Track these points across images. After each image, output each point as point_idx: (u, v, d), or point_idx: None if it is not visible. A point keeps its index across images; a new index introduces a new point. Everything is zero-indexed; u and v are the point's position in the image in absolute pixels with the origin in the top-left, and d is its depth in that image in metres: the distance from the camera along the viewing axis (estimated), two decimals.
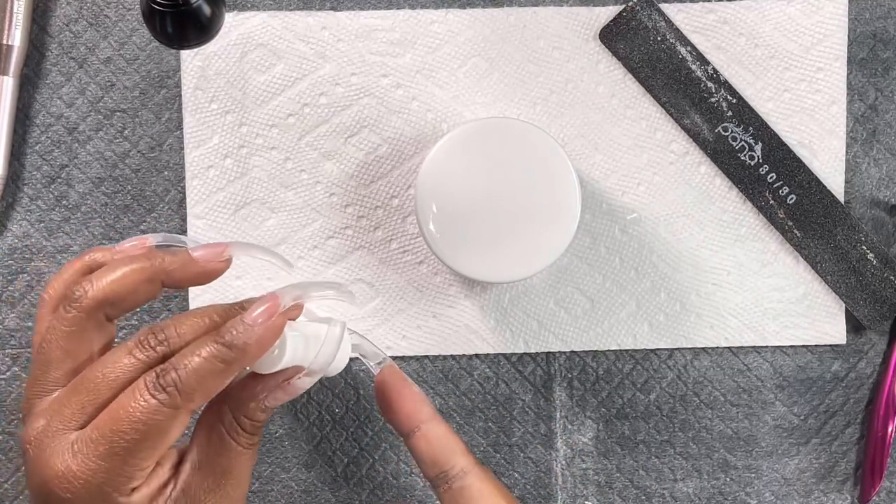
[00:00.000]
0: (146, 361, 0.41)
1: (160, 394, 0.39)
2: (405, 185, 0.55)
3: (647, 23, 0.55)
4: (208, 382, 0.40)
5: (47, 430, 0.41)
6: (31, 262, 0.56)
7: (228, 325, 0.41)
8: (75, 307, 0.41)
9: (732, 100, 0.55)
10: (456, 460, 0.46)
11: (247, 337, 0.40)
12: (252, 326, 0.41)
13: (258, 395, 0.43)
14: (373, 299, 0.56)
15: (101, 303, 0.41)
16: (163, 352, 0.41)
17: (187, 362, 0.40)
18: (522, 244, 0.49)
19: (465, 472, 0.46)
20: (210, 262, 0.44)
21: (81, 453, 0.40)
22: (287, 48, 0.55)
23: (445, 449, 0.46)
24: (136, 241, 0.45)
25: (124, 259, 0.43)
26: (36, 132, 0.55)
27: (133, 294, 0.42)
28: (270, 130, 0.55)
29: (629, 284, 0.56)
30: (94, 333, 0.42)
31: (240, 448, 0.43)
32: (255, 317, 0.41)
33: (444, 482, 0.46)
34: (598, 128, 0.55)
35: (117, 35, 0.55)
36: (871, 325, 0.56)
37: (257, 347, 0.41)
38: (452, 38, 0.55)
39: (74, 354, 0.42)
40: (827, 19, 0.55)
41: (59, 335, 0.42)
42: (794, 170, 0.55)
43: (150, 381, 0.40)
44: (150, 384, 0.40)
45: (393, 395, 0.47)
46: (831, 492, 0.57)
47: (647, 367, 0.56)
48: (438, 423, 0.47)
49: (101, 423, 0.40)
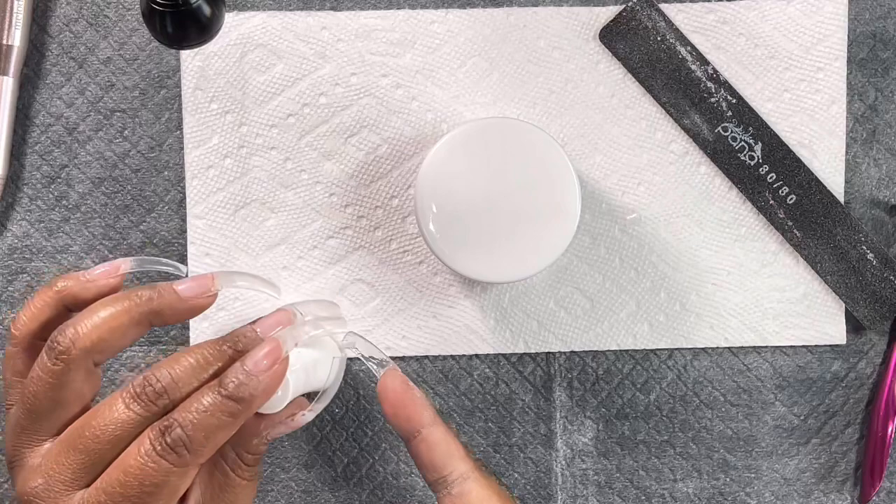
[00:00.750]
0: (146, 416, 0.39)
1: (169, 454, 0.38)
2: (405, 185, 0.55)
3: (646, 23, 0.55)
4: (216, 436, 0.40)
5: (49, 491, 0.39)
6: (31, 262, 0.56)
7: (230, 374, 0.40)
8: (62, 359, 0.40)
9: (732, 100, 0.55)
10: (455, 465, 0.46)
11: (251, 388, 0.40)
12: (255, 376, 0.40)
13: (261, 432, 0.43)
14: (373, 299, 0.56)
15: (89, 351, 0.40)
16: (163, 404, 0.40)
17: (193, 418, 0.39)
18: (522, 244, 0.49)
19: (464, 478, 0.46)
20: (197, 299, 0.43)
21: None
22: (287, 48, 0.55)
23: (445, 454, 0.46)
24: (108, 266, 0.43)
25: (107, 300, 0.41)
26: (36, 132, 0.55)
27: (121, 339, 0.41)
28: (270, 130, 0.55)
29: (629, 284, 0.56)
30: (83, 382, 0.41)
31: (243, 482, 0.43)
32: (257, 363, 0.40)
33: (443, 487, 0.46)
34: (598, 128, 0.55)
35: (117, 35, 0.55)
36: (871, 325, 0.56)
37: (263, 397, 0.40)
38: (452, 38, 0.55)
39: (65, 405, 0.41)
40: (827, 19, 0.55)
41: (47, 387, 0.40)
42: (794, 170, 0.55)
43: (157, 441, 0.38)
44: (158, 445, 0.38)
45: (395, 399, 0.47)
46: (831, 492, 0.57)
47: (646, 367, 0.56)
48: (439, 428, 0.46)
49: (108, 487, 0.39)
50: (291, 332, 0.42)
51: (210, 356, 0.41)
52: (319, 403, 0.44)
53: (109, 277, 0.43)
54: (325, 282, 0.56)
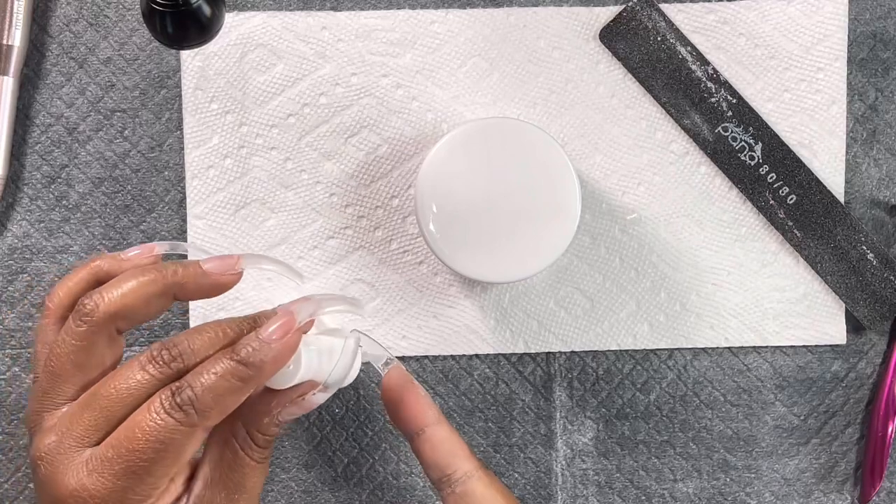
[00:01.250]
0: (160, 378, 0.40)
1: (177, 412, 0.39)
2: (405, 185, 0.55)
3: (647, 23, 0.55)
4: (225, 400, 0.40)
5: (60, 447, 0.40)
6: (31, 262, 0.56)
7: (244, 341, 0.40)
8: (87, 321, 0.41)
9: (732, 100, 0.55)
10: (459, 464, 0.46)
11: (263, 354, 0.40)
12: (268, 343, 0.40)
13: (272, 411, 0.43)
14: (373, 299, 0.56)
15: (113, 316, 0.41)
16: (177, 368, 0.40)
17: (203, 380, 0.39)
18: (522, 244, 0.49)
19: (468, 476, 0.46)
20: (222, 276, 0.44)
21: (97, 471, 0.39)
22: (287, 48, 0.55)
23: (449, 453, 0.46)
24: (143, 248, 0.44)
25: (135, 271, 0.42)
26: (36, 132, 0.55)
27: (145, 307, 0.42)
28: (270, 130, 0.55)
29: (629, 284, 0.56)
30: (105, 347, 0.42)
31: (253, 463, 0.43)
32: (270, 333, 0.41)
33: (447, 486, 0.46)
34: (598, 128, 0.55)
35: (117, 35, 0.55)
36: (871, 325, 0.56)
37: (273, 364, 0.41)
38: (452, 38, 0.55)
39: (85, 369, 0.41)
40: (827, 19, 0.55)
41: (70, 349, 0.41)
42: (794, 170, 0.55)
43: (167, 400, 0.39)
44: (167, 402, 0.39)
45: (399, 397, 0.47)
46: (831, 492, 0.57)
47: (647, 367, 0.56)
48: (443, 427, 0.47)
49: (116, 442, 0.39)
50: (306, 305, 0.43)
51: (229, 328, 0.42)
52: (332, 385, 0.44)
53: (143, 258, 0.44)
54: (325, 282, 0.56)
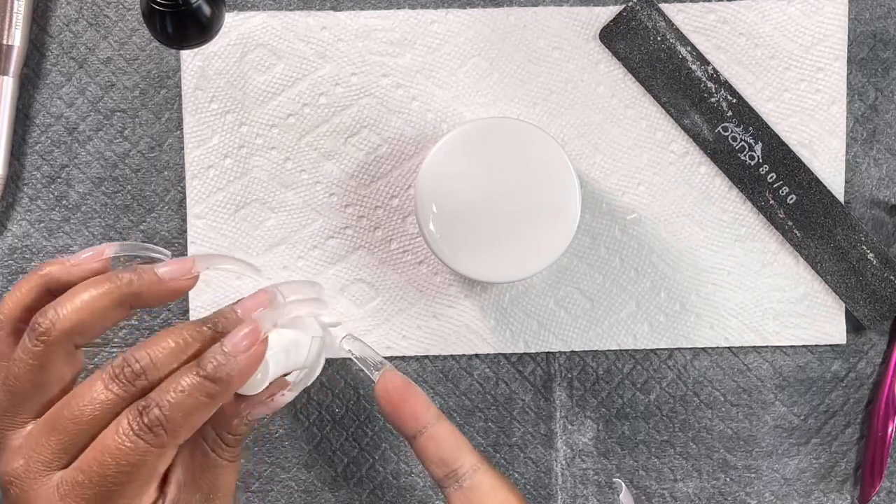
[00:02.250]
0: (125, 396, 0.39)
1: (146, 434, 0.39)
2: (405, 185, 0.55)
3: (647, 23, 0.55)
4: (194, 417, 0.40)
5: (28, 471, 0.39)
6: (31, 262, 0.56)
7: (209, 354, 0.40)
8: (43, 341, 0.40)
9: (732, 100, 0.55)
10: (465, 458, 0.46)
11: (229, 368, 0.40)
12: (234, 356, 0.40)
13: (241, 413, 0.43)
14: (373, 299, 0.56)
15: (69, 333, 0.40)
16: (141, 385, 0.40)
17: (171, 398, 0.39)
18: (522, 244, 0.49)
19: (474, 470, 0.46)
20: (177, 281, 0.43)
21: (69, 496, 0.39)
22: (287, 48, 0.55)
23: (454, 448, 0.46)
24: (92, 251, 0.43)
25: (87, 283, 0.41)
26: (36, 132, 0.55)
27: (101, 321, 0.41)
28: (270, 130, 0.55)
29: (629, 284, 0.56)
30: (64, 364, 0.41)
31: (224, 462, 0.43)
32: (235, 344, 0.40)
33: (454, 481, 0.46)
34: (598, 128, 0.55)
35: (117, 35, 0.55)
36: (871, 325, 0.56)
37: (241, 378, 0.40)
38: (452, 38, 0.55)
39: (45, 387, 0.41)
40: (827, 19, 0.55)
41: (28, 368, 0.40)
42: (794, 170, 0.55)
43: (134, 421, 0.39)
44: (135, 424, 0.38)
45: (397, 397, 0.47)
46: (831, 492, 0.57)
47: (647, 367, 0.56)
48: (444, 423, 0.46)
49: (86, 466, 0.39)
50: (270, 313, 0.42)
51: (190, 337, 0.41)
52: (299, 384, 0.43)
53: (94, 262, 0.43)
54: (325, 282, 0.56)
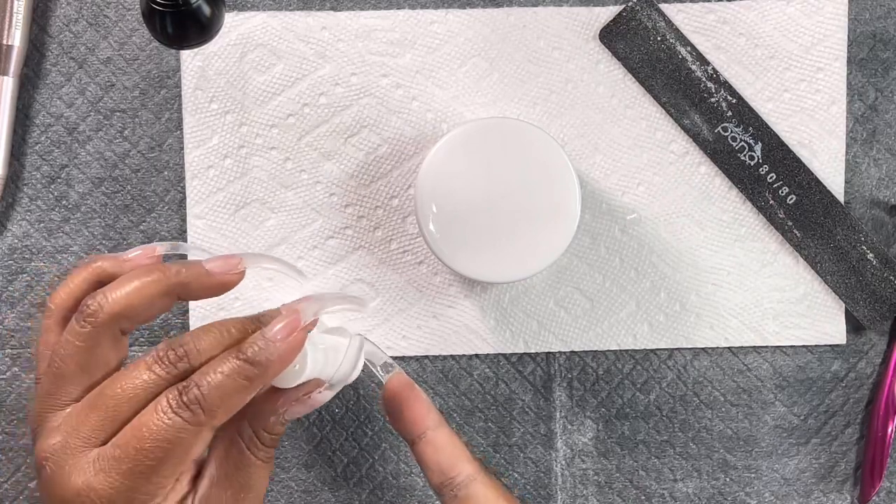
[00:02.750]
0: (166, 378, 0.40)
1: (184, 411, 0.39)
2: (405, 185, 0.55)
3: (646, 23, 0.55)
4: (232, 399, 0.40)
5: (66, 447, 0.40)
6: (31, 262, 0.56)
7: (249, 340, 0.41)
8: (90, 322, 0.41)
9: (732, 100, 0.55)
10: (462, 467, 0.46)
11: (269, 353, 0.40)
12: (274, 342, 0.40)
13: (278, 409, 0.43)
14: (373, 299, 0.56)
15: (116, 317, 0.41)
16: (183, 368, 0.40)
17: (210, 379, 0.40)
18: (522, 244, 0.49)
19: (471, 479, 0.46)
20: (225, 275, 0.44)
21: (104, 471, 0.39)
22: (287, 48, 0.55)
23: (451, 456, 0.46)
24: (144, 249, 0.44)
25: (138, 271, 0.42)
26: (36, 132, 0.55)
27: (149, 307, 0.42)
28: (270, 130, 0.55)
29: (629, 284, 0.56)
30: (109, 348, 0.42)
31: (259, 462, 0.43)
32: (275, 332, 0.41)
33: (449, 489, 0.46)
34: (598, 128, 0.55)
35: (117, 35, 0.55)
36: (871, 325, 0.56)
37: (280, 363, 0.41)
38: (452, 38, 0.55)
39: (90, 370, 0.41)
40: (827, 19, 0.55)
41: (74, 350, 0.41)
42: (794, 170, 0.55)
43: (174, 399, 0.39)
44: (174, 402, 0.39)
45: (401, 401, 0.47)
46: (831, 492, 0.57)
47: (646, 367, 0.56)
48: (444, 430, 0.47)
49: (123, 441, 0.39)
50: (311, 304, 0.43)
51: (234, 328, 0.42)
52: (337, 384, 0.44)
53: (145, 258, 0.44)
54: (325, 282, 0.56)
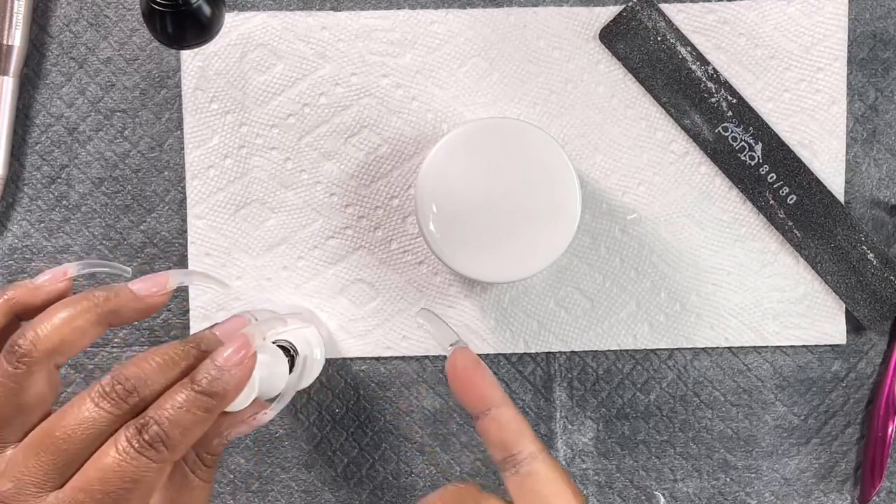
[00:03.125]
0: (118, 414, 0.40)
1: (148, 450, 0.39)
2: (405, 185, 0.55)
3: (647, 23, 0.55)
4: (192, 432, 0.40)
5: (19, 494, 0.39)
6: (31, 262, 0.56)
7: (202, 369, 0.40)
8: (24, 362, 0.40)
9: (732, 100, 0.55)
10: (525, 444, 0.45)
11: (224, 382, 0.40)
12: (227, 370, 0.40)
13: (222, 432, 0.44)
14: (373, 299, 0.56)
15: (50, 353, 0.40)
16: (133, 402, 0.40)
17: (169, 415, 0.39)
18: (522, 244, 0.49)
19: (533, 457, 0.45)
20: (153, 297, 0.43)
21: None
22: (287, 48, 0.55)
23: (515, 433, 0.45)
24: (53, 273, 0.43)
25: (64, 303, 0.41)
26: (36, 132, 0.55)
27: (81, 339, 0.41)
28: (271, 130, 0.55)
29: (629, 284, 0.56)
30: (45, 385, 0.41)
31: (202, 483, 0.43)
32: (227, 358, 0.41)
33: (511, 466, 0.45)
34: (598, 128, 0.55)
35: (117, 35, 0.55)
36: (871, 325, 0.56)
37: (235, 391, 0.41)
38: (452, 38, 0.55)
39: (27, 409, 0.41)
40: (827, 19, 0.55)
41: (9, 392, 0.40)
42: (794, 170, 0.55)
43: (134, 438, 0.39)
44: (135, 441, 0.39)
45: (465, 376, 0.46)
46: (831, 492, 0.57)
47: (647, 367, 0.56)
48: (509, 408, 0.46)
49: (86, 485, 0.39)
50: (258, 327, 0.43)
51: (176, 355, 0.41)
52: (279, 403, 0.44)
53: (57, 282, 0.43)
54: (325, 282, 0.56)
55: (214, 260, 0.55)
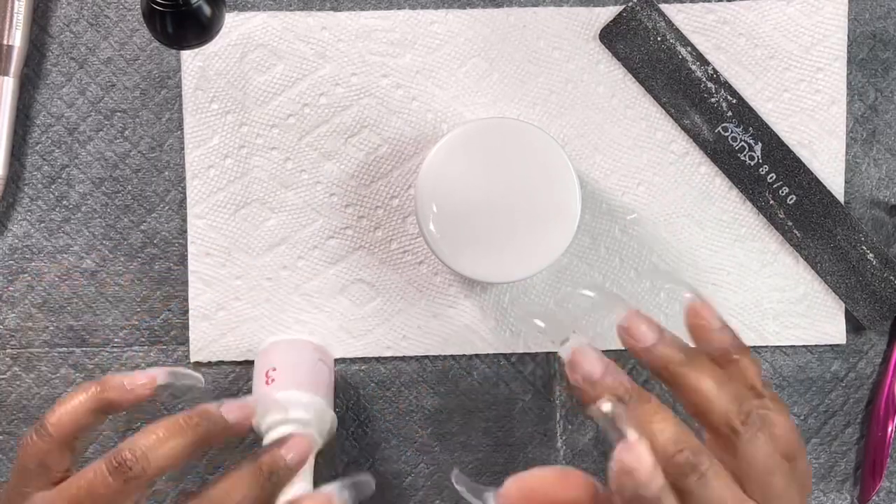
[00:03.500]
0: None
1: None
2: (405, 185, 0.56)
3: (647, 23, 0.55)
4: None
5: None
6: (31, 262, 0.56)
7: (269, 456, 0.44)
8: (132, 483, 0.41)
9: (732, 100, 0.55)
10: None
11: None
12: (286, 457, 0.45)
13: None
14: (373, 299, 0.56)
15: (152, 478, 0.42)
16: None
17: None
18: (522, 244, 0.49)
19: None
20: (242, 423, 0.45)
21: None
22: (287, 48, 0.55)
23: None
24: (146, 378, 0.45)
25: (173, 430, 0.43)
26: (36, 132, 0.55)
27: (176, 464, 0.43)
28: (271, 130, 0.55)
29: (629, 284, 0.56)
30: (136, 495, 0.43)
31: None
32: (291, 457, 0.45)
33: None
34: (598, 128, 0.55)
35: (118, 35, 0.55)
36: (871, 325, 0.56)
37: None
38: (452, 38, 0.55)
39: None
40: (827, 19, 0.55)
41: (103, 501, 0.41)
42: (794, 170, 0.55)
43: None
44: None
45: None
46: (831, 492, 0.57)
47: None
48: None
49: None
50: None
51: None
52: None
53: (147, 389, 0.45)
54: (325, 282, 0.56)
55: (214, 259, 0.55)
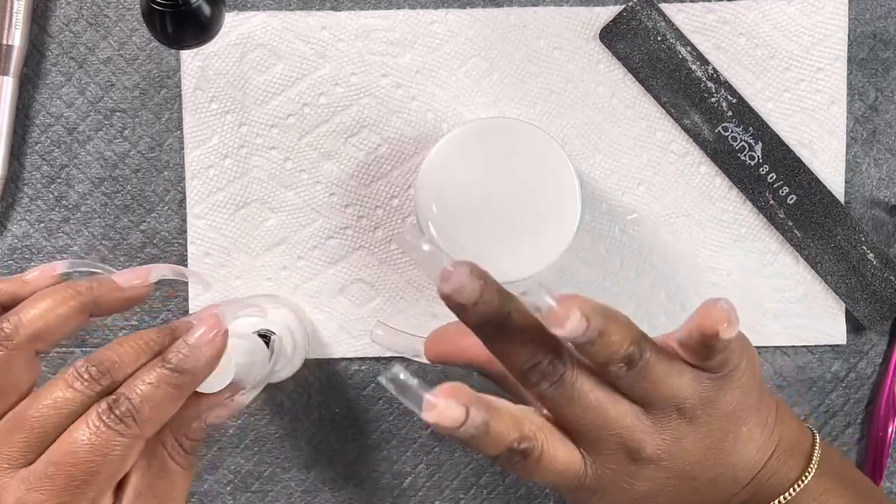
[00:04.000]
0: (89, 394, 0.40)
1: (117, 425, 0.39)
2: (405, 185, 0.55)
3: (647, 23, 0.55)
4: (163, 408, 0.41)
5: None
6: (31, 262, 0.56)
7: (174, 348, 0.41)
8: (6, 345, 0.41)
9: (732, 100, 0.55)
10: None
11: (195, 359, 0.41)
12: (198, 347, 0.41)
13: (201, 415, 0.44)
14: (373, 299, 0.56)
15: (32, 338, 0.41)
16: (106, 383, 0.40)
17: (140, 391, 0.40)
18: (522, 244, 0.49)
19: None
20: (136, 288, 0.44)
21: (37, 489, 0.39)
22: (287, 48, 0.55)
23: None
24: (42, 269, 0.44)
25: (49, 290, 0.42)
26: (36, 132, 0.55)
27: (63, 326, 0.42)
28: (270, 130, 0.55)
29: (629, 284, 0.56)
30: (24, 370, 0.41)
31: (181, 469, 0.44)
32: (199, 337, 0.41)
33: None
34: (598, 128, 0.55)
35: (117, 35, 0.55)
36: (871, 325, 0.56)
37: (206, 368, 0.42)
38: (452, 38, 0.55)
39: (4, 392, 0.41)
40: (827, 19, 0.55)
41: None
42: (794, 170, 0.55)
43: (105, 413, 0.39)
44: (106, 416, 0.39)
45: None
46: None
47: None
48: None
49: (57, 458, 0.39)
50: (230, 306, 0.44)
51: (150, 340, 0.42)
52: (257, 385, 0.44)
53: (45, 279, 0.44)
54: (325, 282, 0.56)
55: (214, 260, 0.55)
